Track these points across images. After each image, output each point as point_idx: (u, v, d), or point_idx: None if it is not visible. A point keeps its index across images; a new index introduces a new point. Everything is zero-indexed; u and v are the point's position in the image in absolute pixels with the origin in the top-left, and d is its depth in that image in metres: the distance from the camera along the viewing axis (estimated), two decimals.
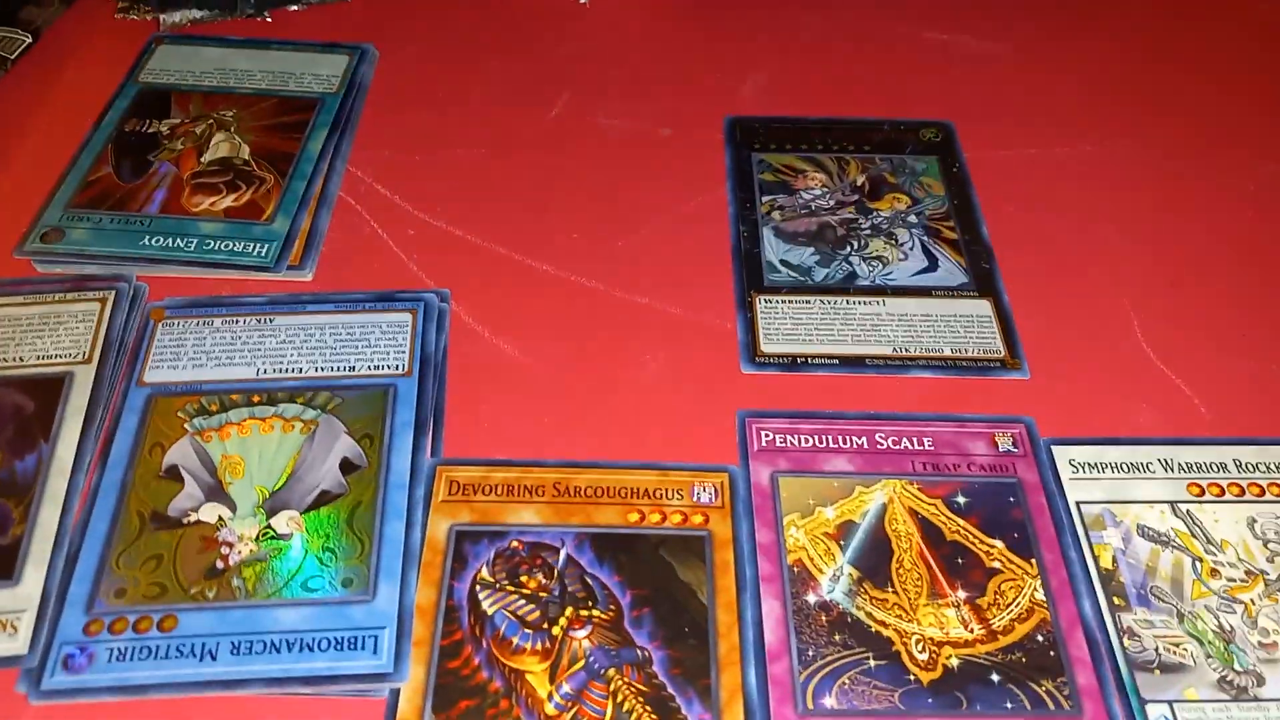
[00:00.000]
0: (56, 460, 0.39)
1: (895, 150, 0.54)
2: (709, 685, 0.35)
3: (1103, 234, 0.51)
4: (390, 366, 0.43)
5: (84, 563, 0.37)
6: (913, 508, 0.40)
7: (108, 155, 0.51)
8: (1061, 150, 0.55)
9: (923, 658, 0.36)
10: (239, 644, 0.35)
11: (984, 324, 0.46)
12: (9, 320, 0.44)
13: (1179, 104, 0.58)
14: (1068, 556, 0.39)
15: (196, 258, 0.47)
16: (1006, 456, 0.42)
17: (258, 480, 0.39)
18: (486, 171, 0.52)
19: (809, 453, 0.42)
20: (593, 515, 0.39)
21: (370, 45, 0.58)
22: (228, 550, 0.37)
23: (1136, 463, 0.42)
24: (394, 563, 0.37)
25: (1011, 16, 0.63)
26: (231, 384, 0.42)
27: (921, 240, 0.50)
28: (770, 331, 0.46)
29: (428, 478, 0.40)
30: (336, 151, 0.52)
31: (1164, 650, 0.37)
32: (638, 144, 0.54)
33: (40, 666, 0.34)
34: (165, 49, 0.58)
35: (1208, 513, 0.40)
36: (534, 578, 0.37)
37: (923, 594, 0.38)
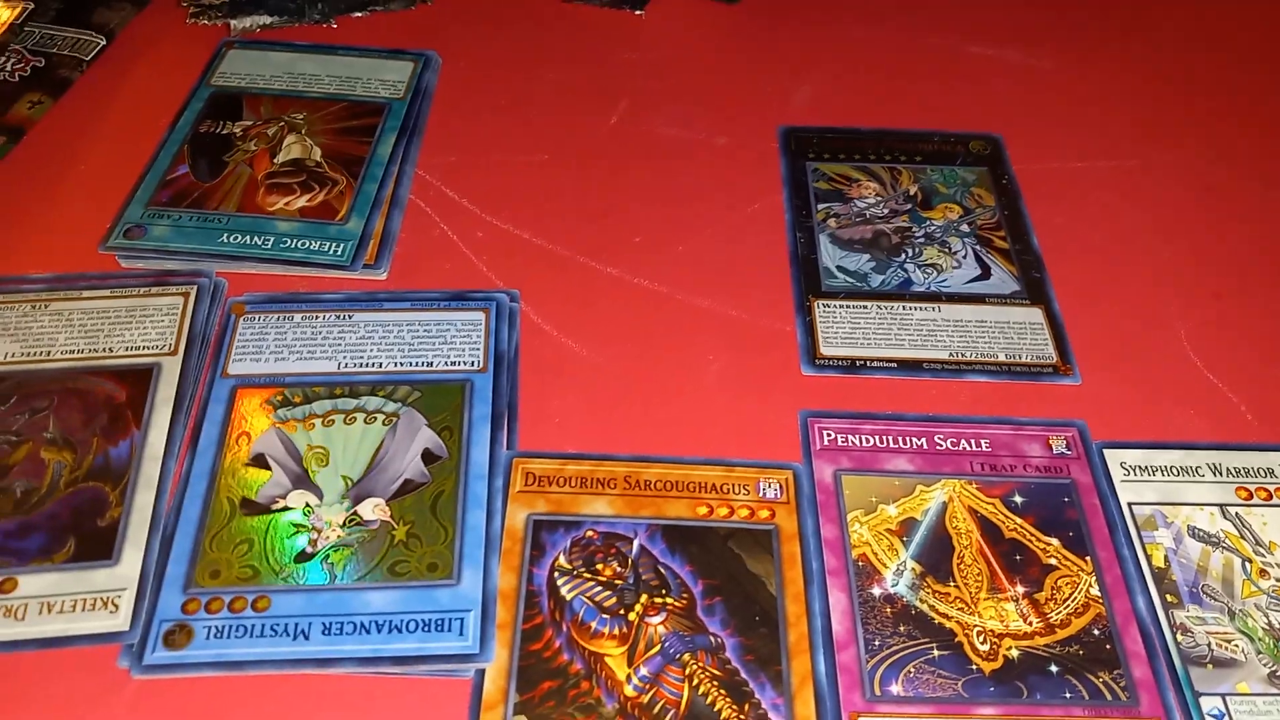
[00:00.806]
0: (149, 447, 0.41)
1: (945, 161, 0.56)
2: (780, 671, 0.36)
3: (1149, 244, 0.52)
4: (466, 363, 0.44)
5: (179, 545, 0.38)
6: (972, 506, 0.41)
7: (184, 155, 0.53)
8: (1107, 163, 0.56)
9: (984, 649, 0.37)
10: (330, 624, 0.36)
11: (1036, 330, 0.48)
12: (97, 313, 0.46)
13: (1222, 117, 0.59)
14: (1121, 555, 0.40)
15: (274, 255, 0.48)
16: (1060, 459, 0.43)
17: (342, 469, 0.41)
18: (549, 176, 0.54)
19: (870, 452, 0.43)
20: (663, 508, 0.41)
21: (433, 52, 0.60)
22: (316, 535, 0.39)
23: (1186, 466, 0.43)
24: (476, 549, 0.38)
25: (1056, 31, 0.65)
26: (314, 377, 0.44)
27: (974, 249, 0.51)
28: (829, 335, 0.47)
29: (505, 469, 0.41)
30: (406, 155, 0.54)
31: (1216, 646, 0.38)
32: (694, 152, 0.56)
33: (142, 643, 0.36)
34: (235, 53, 0.59)
35: (1256, 515, 0.42)
36: (609, 566, 0.39)
37: (983, 588, 0.39)
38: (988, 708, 0.36)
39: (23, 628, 0.36)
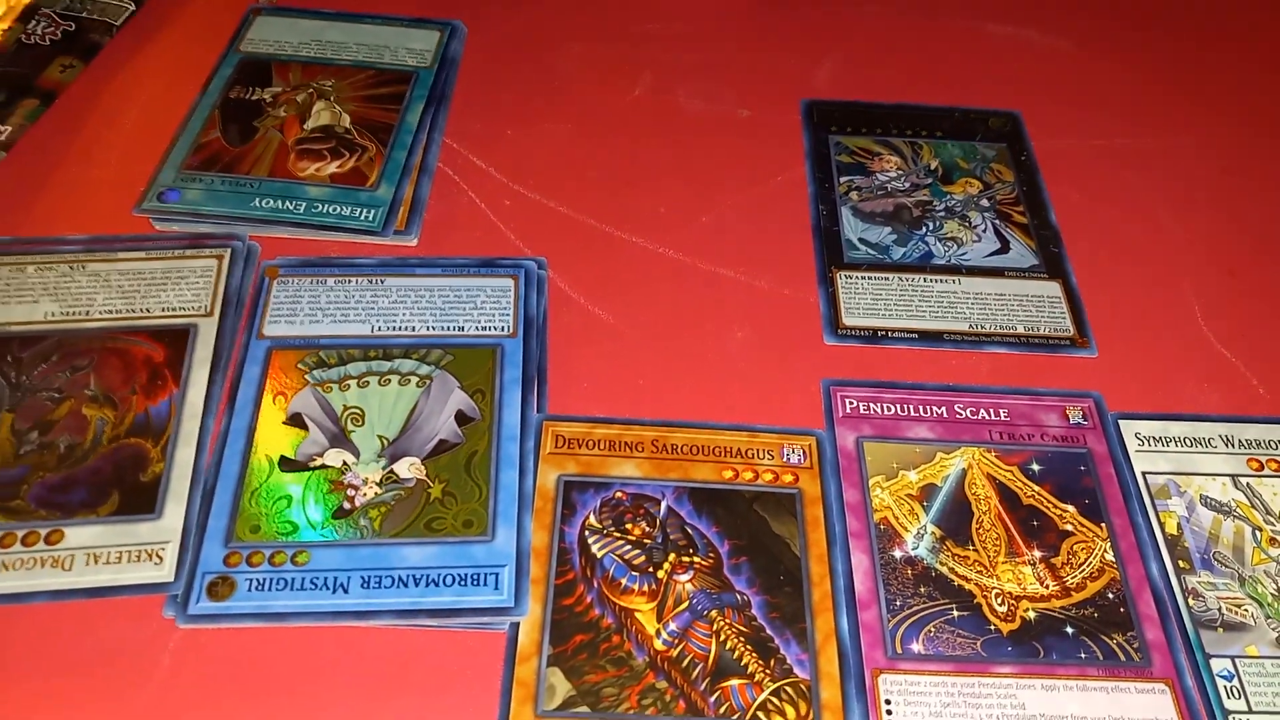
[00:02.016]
0: (188, 405, 0.42)
1: (966, 137, 0.56)
2: (805, 629, 0.38)
3: (1164, 221, 0.53)
4: (496, 328, 0.45)
5: (219, 499, 0.39)
6: (990, 473, 0.42)
7: (215, 120, 0.54)
8: (1125, 141, 0.57)
9: (1002, 610, 0.39)
10: (369, 578, 0.38)
11: (1054, 304, 0.48)
12: (134, 274, 0.47)
13: (1239, 97, 0.60)
14: (1135, 522, 0.41)
15: (305, 220, 0.49)
16: (1077, 429, 0.44)
17: (378, 429, 0.42)
18: (574, 146, 0.55)
19: (891, 420, 0.44)
20: (689, 471, 0.42)
21: (459, 22, 0.60)
22: (353, 493, 0.40)
23: (1199, 438, 0.44)
24: (510, 508, 0.40)
25: (1075, 10, 0.65)
26: (348, 340, 0.45)
27: (993, 223, 0.52)
28: (851, 306, 0.48)
29: (536, 431, 0.42)
30: (434, 124, 0.54)
31: (1226, 610, 0.39)
32: (717, 124, 0.57)
33: (186, 593, 0.37)
34: (263, 20, 0.60)
35: (1267, 486, 0.43)
36: (638, 525, 0.40)
37: (1001, 552, 0.40)
38: (1006, 666, 0.37)
39: (70, 577, 0.37)
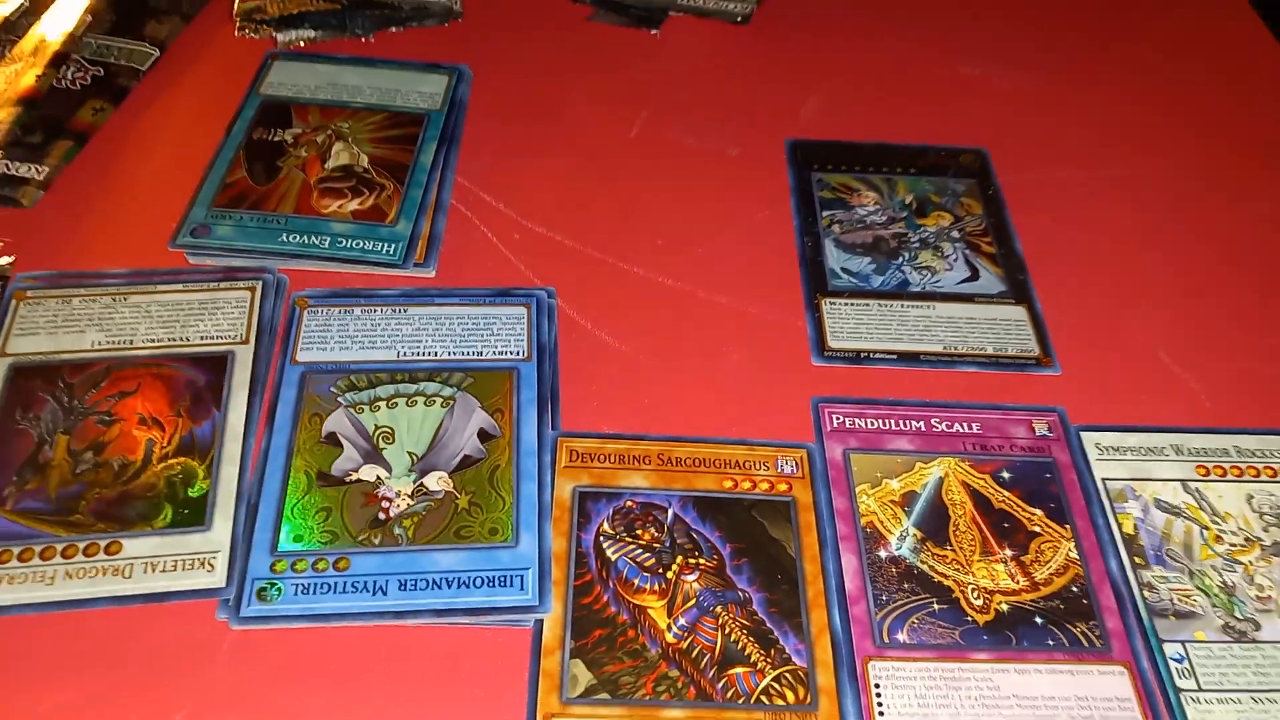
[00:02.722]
0: (229, 426, 0.46)
1: (937, 173, 0.61)
2: (801, 622, 0.42)
3: (1123, 249, 0.58)
4: (512, 352, 0.49)
5: (263, 513, 0.43)
6: (965, 481, 0.47)
7: (241, 160, 0.57)
8: (1086, 174, 0.62)
9: (978, 603, 0.43)
10: (405, 581, 0.41)
11: (1020, 327, 0.53)
12: (173, 305, 0.50)
13: (1193, 134, 0.65)
14: (1096, 523, 0.46)
15: (331, 254, 0.53)
16: (1043, 440, 0.49)
17: (408, 446, 0.45)
18: (578, 182, 0.59)
19: (875, 434, 0.48)
20: (693, 481, 0.46)
21: (466, 66, 0.65)
22: (387, 504, 0.43)
23: (1153, 447, 0.49)
24: (530, 516, 0.43)
25: (1042, 51, 0.70)
26: (376, 364, 0.48)
27: (964, 253, 0.57)
28: (836, 330, 0.52)
29: (552, 447, 0.46)
30: (446, 163, 0.58)
31: (1178, 601, 0.44)
32: (710, 161, 0.61)
33: (237, 598, 0.40)
34: (281, 64, 0.64)
35: (1212, 490, 0.47)
36: (647, 531, 0.44)
37: (976, 552, 0.44)
38: (982, 653, 0.41)
39: (130, 584, 0.41)
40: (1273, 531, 0.46)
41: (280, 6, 0.65)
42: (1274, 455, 0.49)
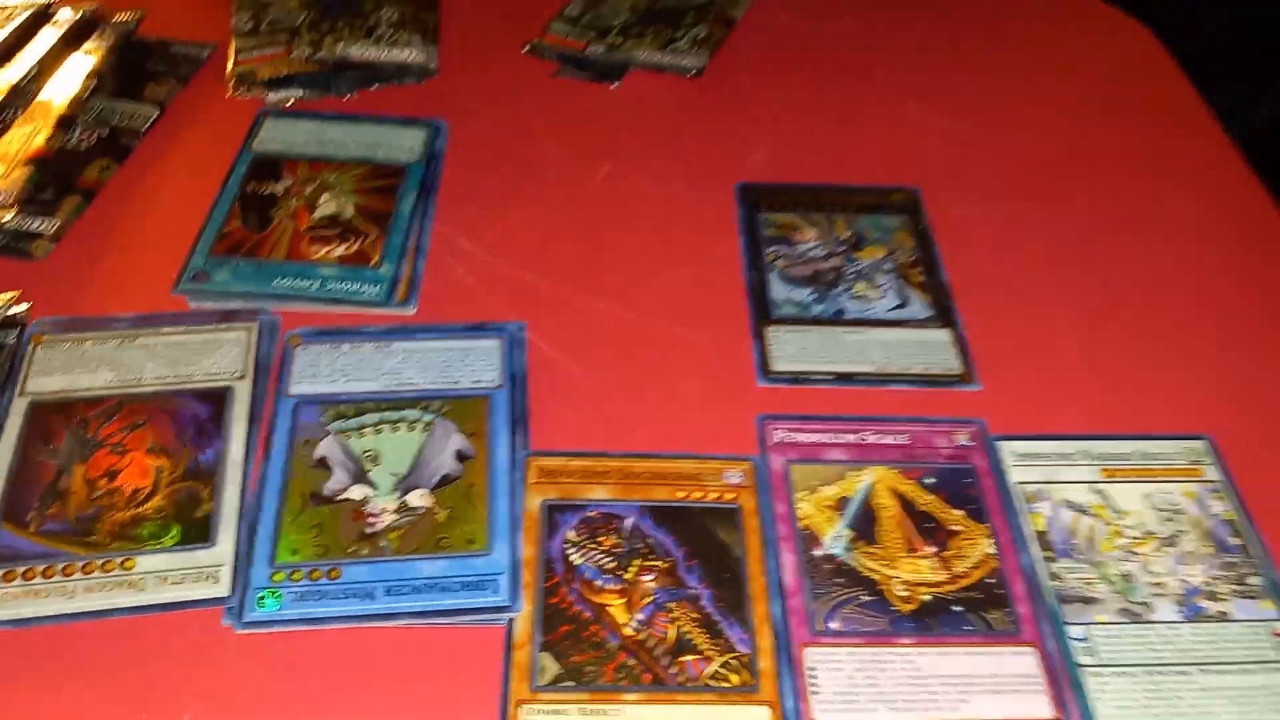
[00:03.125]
0: (230, 454, 0.51)
1: (873, 211, 0.67)
2: (745, 615, 0.47)
3: (1040, 277, 0.64)
4: (486, 381, 0.54)
5: (262, 530, 0.48)
6: (893, 487, 0.52)
7: (236, 211, 0.63)
8: (1007, 208, 0.68)
9: (903, 595, 0.48)
10: (391, 587, 0.46)
11: (945, 348, 0.59)
12: (177, 345, 0.55)
13: (1102, 174, 0.71)
14: (1011, 522, 0.51)
15: (320, 295, 0.58)
16: (964, 449, 0.54)
17: (391, 468, 0.50)
18: (546, 226, 0.65)
19: (813, 446, 0.54)
20: (650, 493, 0.51)
21: (442, 121, 0.70)
22: (374, 520, 0.48)
23: (1063, 453, 0.54)
24: (503, 527, 0.48)
25: (968, 101, 0.77)
26: (362, 394, 0.53)
27: (895, 283, 0.62)
28: (779, 354, 0.58)
29: (522, 465, 0.51)
30: (425, 211, 0.64)
31: (1082, 588, 0.49)
32: (667, 204, 0.67)
33: (240, 605, 0.45)
34: (271, 122, 0.69)
35: (1116, 490, 0.53)
36: (609, 538, 0.49)
37: (901, 549, 0.50)
38: (906, 639, 0.47)
39: (144, 596, 0.45)
40: (1167, 525, 0.52)
41: (270, 69, 0.70)
42: (1171, 458, 0.54)
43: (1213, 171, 0.72)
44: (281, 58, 0.71)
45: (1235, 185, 0.71)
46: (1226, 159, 0.73)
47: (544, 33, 0.77)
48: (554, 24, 0.78)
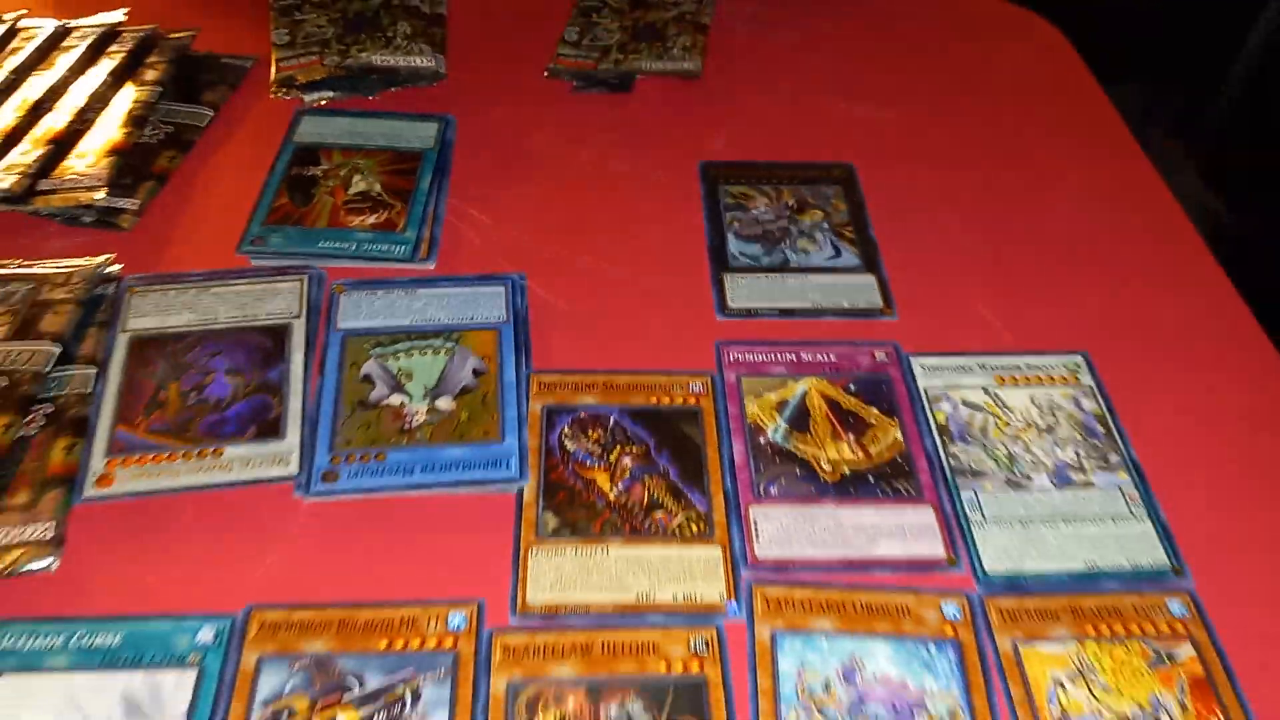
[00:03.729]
0: (293, 372, 0.63)
1: (814, 183, 0.80)
2: (704, 484, 0.59)
3: (951, 232, 0.77)
4: (495, 317, 0.67)
5: (321, 427, 0.60)
6: (823, 392, 0.65)
7: (283, 190, 0.76)
8: (924, 179, 0.81)
9: (828, 469, 0.61)
10: (426, 466, 0.59)
11: (870, 289, 0.72)
12: (245, 293, 0.68)
13: (1009, 147, 0.85)
14: (917, 417, 0.64)
15: (357, 254, 0.71)
16: (882, 364, 0.67)
17: (422, 381, 0.63)
18: (539, 198, 0.78)
19: (759, 364, 0.66)
20: (628, 398, 0.64)
21: (451, 115, 0.84)
22: (409, 419, 0.61)
23: (963, 366, 0.67)
24: (513, 425, 0.61)
25: (894, 92, 0.90)
26: (396, 327, 0.66)
27: (831, 239, 0.75)
28: (734, 295, 0.71)
29: (526, 381, 0.64)
30: (440, 187, 0.77)
31: (973, 465, 0.62)
32: (642, 180, 0.80)
33: (307, 481, 0.58)
34: (308, 118, 0.82)
35: (1005, 392, 0.66)
36: (596, 431, 0.62)
37: (828, 437, 0.62)
38: (829, 501, 0.59)
39: (232, 474, 0.58)
40: (1046, 419, 0.65)
41: (306, 74, 0.84)
42: (1053, 369, 0.67)
43: (1100, 142, 0.86)
44: (315, 65, 0.84)
45: (1119, 152, 0.85)
46: (1116, 133, 0.87)
47: (556, 57, 0.90)
48: (561, 49, 0.91)
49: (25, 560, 0.53)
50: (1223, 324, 0.71)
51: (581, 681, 0.51)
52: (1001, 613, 0.55)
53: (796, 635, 0.53)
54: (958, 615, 0.54)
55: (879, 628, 0.54)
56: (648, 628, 0.53)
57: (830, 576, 0.56)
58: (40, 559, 0.54)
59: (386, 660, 0.51)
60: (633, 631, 0.53)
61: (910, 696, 0.51)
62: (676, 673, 0.51)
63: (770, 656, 0.52)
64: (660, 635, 0.53)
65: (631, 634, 0.53)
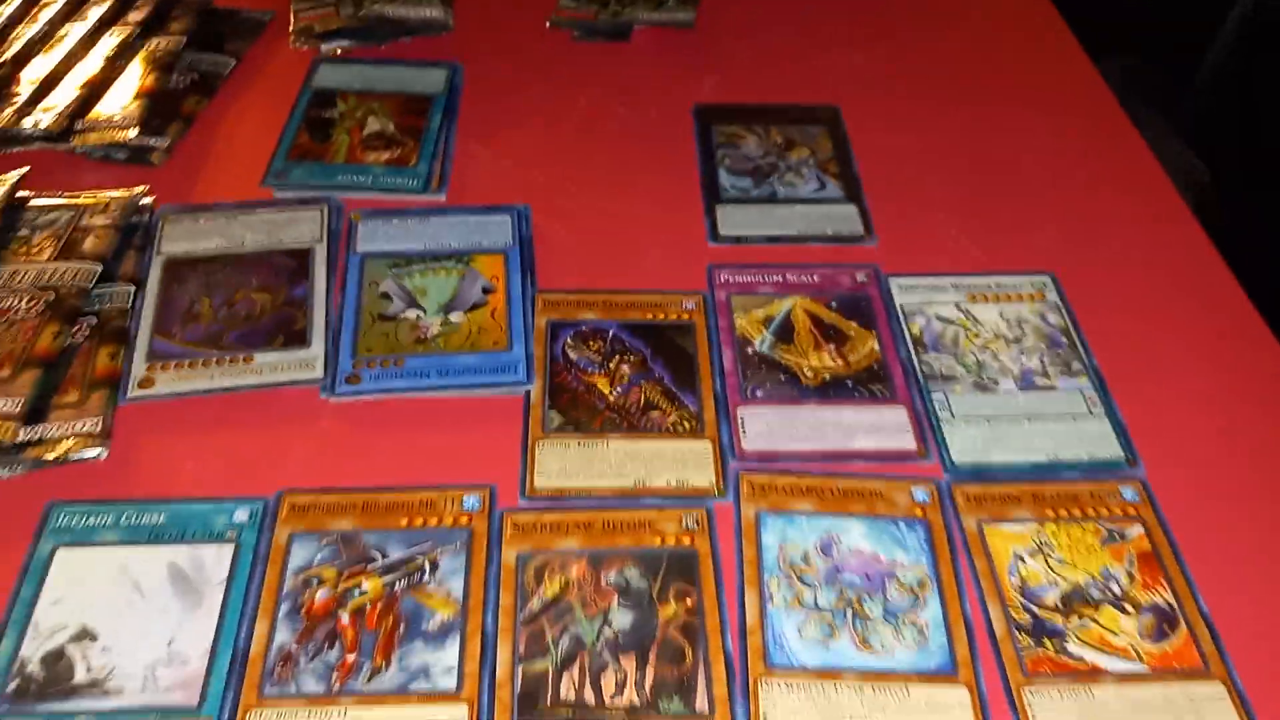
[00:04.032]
0: (316, 288, 0.68)
1: (801, 122, 0.85)
2: (695, 389, 0.64)
3: (929, 166, 0.82)
4: (503, 243, 0.72)
5: (344, 337, 0.66)
6: (806, 308, 0.70)
7: (303, 130, 0.81)
8: (905, 120, 0.86)
9: (810, 375, 0.66)
10: (441, 370, 0.64)
11: (852, 218, 0.77)
12: (268, 221, 0.73)
13: (986, 96, 0.90)
14: (893, 330, 0.69)
15: (374, 186, 0.76)
16: (862, 284, 0.72)
17: (436, 298, 0.68)
18: (544, 138, 0.83)
19: (748, 284, 0.72)
20: (626, 313, 0.69)
21: (459, 63, 0.88)
22: (424, 331, 0.66)
23: (937, 285, 0.72)
24: (519, 335, 0.66)
25: (876, 39, 0.95)
26: (411, 251, 0.71)
27: (816, 173, 0.80)
28: (726, 223, 0.76)
29: (531, 299, 0.69)
30: (449, 128, 0.82)
31: (943, 371, 0.67)
32: (638, 123, 0.85)
33: (332, 383, 0.63)
34: (325, 66, 0.87)
35: (976, 308, 0.71)
36: (596, 343, 0.67)
37: (810, 347, 0.67)
38: (811, 402, 0.64)
39: (263, 378, 0.63)
40: (1014, 331, 0.70)
41: (323, 24, 0.88)
42: (1019, 288, 0.72)
43: (1069, 85, 0.91)
44: (332, 15, 0.89)
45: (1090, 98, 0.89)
46: (1088, 78, 0.92)
47: (558, 9, 0.95)
48: (562, 2, 0.95)
49: (77, 449, 0.59)
50: (1181, 252, 0.76)
51: (584, 552, 0.56)
52: (968, 497, 0.60)
53: (779, 515, 0.59)
54: (926, 499, 0.60)
55: (854, 509, 0.59)
56: (644, 509, 0.58)
57: (810, 466, 0.61)
58: (90, 449, 0.59)
59: (407, 535, 0.56)
60: (630, 512, 0.58)
61: (882, 567, 0.57)
62: (670, 545, 0.57)
63: (755, 532, 0.58)
64: (655, 514, 0.58)
65: (629, 514, 0.58)
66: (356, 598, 0.54)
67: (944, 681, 0.52)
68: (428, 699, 0.50)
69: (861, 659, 0.53)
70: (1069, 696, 0.52)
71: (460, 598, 0.54)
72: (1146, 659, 0.53)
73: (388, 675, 0.51)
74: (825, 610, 0.55)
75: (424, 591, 0.54)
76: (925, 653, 0.53)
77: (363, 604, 0.54)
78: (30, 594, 0.54)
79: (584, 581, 0.55)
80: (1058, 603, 0.56)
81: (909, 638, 0.54)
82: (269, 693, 0.51)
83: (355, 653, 0.52)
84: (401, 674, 0.51)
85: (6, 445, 0.58)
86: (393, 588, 0.54)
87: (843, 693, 0.52)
